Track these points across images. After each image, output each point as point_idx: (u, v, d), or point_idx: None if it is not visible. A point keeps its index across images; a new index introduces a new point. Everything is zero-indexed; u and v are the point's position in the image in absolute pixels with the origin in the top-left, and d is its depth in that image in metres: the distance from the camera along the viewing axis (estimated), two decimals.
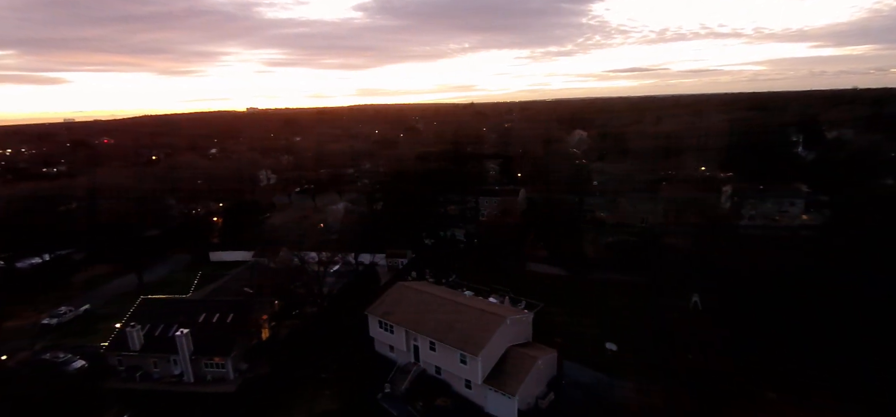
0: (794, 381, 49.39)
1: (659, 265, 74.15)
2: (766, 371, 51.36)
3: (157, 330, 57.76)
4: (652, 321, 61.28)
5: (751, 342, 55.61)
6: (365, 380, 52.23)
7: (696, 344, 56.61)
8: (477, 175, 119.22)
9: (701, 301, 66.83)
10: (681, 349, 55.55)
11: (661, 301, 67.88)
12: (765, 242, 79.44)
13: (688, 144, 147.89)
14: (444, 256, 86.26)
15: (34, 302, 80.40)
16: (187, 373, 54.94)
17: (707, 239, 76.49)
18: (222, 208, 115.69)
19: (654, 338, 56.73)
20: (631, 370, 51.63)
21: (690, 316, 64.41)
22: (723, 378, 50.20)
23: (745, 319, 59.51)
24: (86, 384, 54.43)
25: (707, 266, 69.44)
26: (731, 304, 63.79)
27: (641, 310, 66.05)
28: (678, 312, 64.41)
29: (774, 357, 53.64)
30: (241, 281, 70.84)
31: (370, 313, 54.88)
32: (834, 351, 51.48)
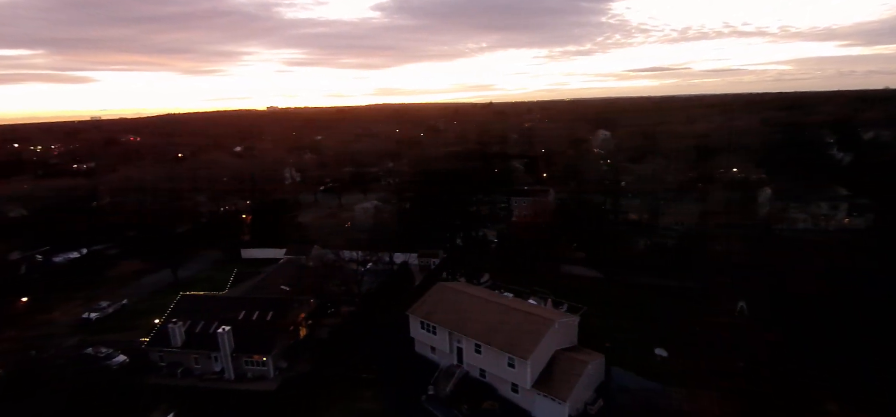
0: (853, 391, 47.21)
1: (701, 269, 72.03)
2: (824, 381, 49.24)
3: (198, 327, 57.83)
4: (699, 326, 59.33)
5: (804, 349, 53.51)
6: (406, 381, 51.50)
7: (747, 351, 54.69)
8: (506, 175, 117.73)
9: (748, 306, 64.61)
10: (732, 356, 53.68)
11: (705, 306, 65.82)
12: (812, 246, 76.62)
13: (719, 145, 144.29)
14: (476, 256, 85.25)
15: (72, 297, 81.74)
16: (228, 370, 54.85)
17: (752, 243, 74.14)
18: (251, 206, 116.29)
19: (704, 344, 54.82)
20: (683, 377, 49.84)
21: (738, 321, 62.27)
22: (780, 387, 48.28)
23: (796, 326, 57.32)
24: (128, 379, 54.78)
25: (753, 270, 67.24)
26: (781, 310, 61.57)
27: (685, 315, 64.06)
28: (725, 318, 62.33)
29: (830, 365, 51.49)
30: (277, 278, 70.67)
31: (412, 313, 54.09)
32: (892, 360, 49.17)
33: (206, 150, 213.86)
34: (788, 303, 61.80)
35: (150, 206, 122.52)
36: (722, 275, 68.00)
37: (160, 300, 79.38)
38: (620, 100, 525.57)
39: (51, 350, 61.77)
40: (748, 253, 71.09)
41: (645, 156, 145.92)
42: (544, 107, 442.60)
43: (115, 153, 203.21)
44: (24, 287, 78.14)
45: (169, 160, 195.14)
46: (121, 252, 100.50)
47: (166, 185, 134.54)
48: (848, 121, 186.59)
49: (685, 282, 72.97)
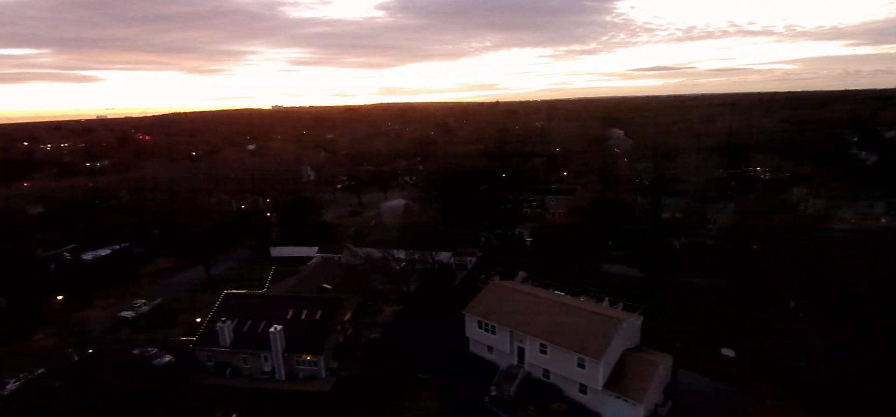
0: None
1: (747, 268, 70.81)
2: (887, 380, 48.07)
3: (246, 326, 56.67)
4: (755, 327, 58.19)
5: (860, 349, 52.29)
6: (464, 382, 50.32)
7: (808, 352, 53.54)
8: (534, 173, 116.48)
9: (799, 306, 63.39)
10: (792, 356, 52.54)
11: (755, 306, 64.64)
12: (857, 245, 75.34)
13: (744, 143, 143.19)
14: (511, 255, 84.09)
15: (105, 294, 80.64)
16: (279, 371, 53.71)
17: (797, 242, 72.84)
18: (276, 203, 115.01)
19: (765, 345, 53.68)
20: (750, 378, 48.73)
21: (793, 322, 61.04)
22: (846, 387, 47.20)
23: (850, 325, 56.08)
24: (178, 379, 53.64)
25: (801, 269, 65.94)
26: (834, 309, 60.36)
27: (737, 316, 62.94)
28: (779, 318, 61.16)
29: (888, 364, 50.29)
30: (318, 277, 69.50)
31: (469, 312, 52.90)
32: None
33: (219, 149, 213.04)
34: (840, 302, 60.63)
35: (173, 204, 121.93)
36: (769, 275, 66.82)
37: (194, 298, 78.37)
38: (630, 100, 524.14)
39: (93, 350, 60.87)
40: (794, 252, 69.74)
41: (670, 155, 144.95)
42: (552, 105, 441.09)
43: (129, 151, 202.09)
44: (55, 285, 77.01)
45: (183, 158, 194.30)
46: (147, 250, 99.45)
47: (188, 183, 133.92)
48: (867, 120, 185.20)
49: (731, 282, 71.83)
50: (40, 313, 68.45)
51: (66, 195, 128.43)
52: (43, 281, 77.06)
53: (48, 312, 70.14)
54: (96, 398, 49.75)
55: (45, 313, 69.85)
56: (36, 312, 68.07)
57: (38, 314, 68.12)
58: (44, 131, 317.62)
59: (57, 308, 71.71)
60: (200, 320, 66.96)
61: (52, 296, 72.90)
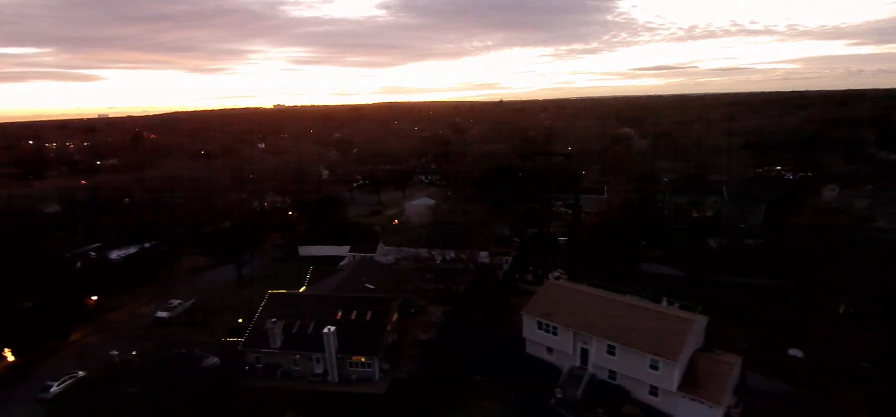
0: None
1: (793, 268, 69.97)
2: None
3: (295, 327, 55.41)
4: (810, 328, 57.29)
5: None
6: (524, 384, 49.21)
7: (864, 351, 52.66)
8: (564, 173, 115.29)
9: (850, 306, 62.52)
10: (852, 357, 51.63)
11: (806, 305, 63.77)
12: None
13: (761, 142, 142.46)
14: (546, 254, 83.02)
15: (136, 294, 79.18)
16: (332, 373, 52.47)
17: (841, 241, 72.04)
18: (300, 202, 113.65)
19: (827, 345, 52.75)
20: (818, 378, 47.75)
21: (845, 322, 60.19)
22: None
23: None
24: (229, 381, 52.33)
25: (850, 269, 65.08)
26: (887, 310, 59.53)
27: (789, 316, 62.06)
28: (831, 318, 60.32)
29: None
30: (359, 276, 68.25)
31: (527, 313, 51.77)
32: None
33: (231, 147, 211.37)
34: (890, 304, 59.83)
35: (195, 202, 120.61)
36: (817, 276, 65.95)
37: (228, 297, 77.04)
38: (636, 99, 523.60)
39: (136, 352, 59.46)
40: (839, 252, 68.88)
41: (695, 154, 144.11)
42: (559, 105, 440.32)
43: (140, 150, 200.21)
44: (85, 284, 75.39)
45: (195, 157, 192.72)
46: (172, 248, 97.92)
47: (207, 182, 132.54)
48: (885, 119, 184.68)
49: (777, 282, 70.99)
50: (74, 313, 66.94)
51: (85, 193, 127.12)
52: (72, 280, 75.46)
53: (82, 312, 68.69)
54: (150, 401, 48.42)
55: (80, 313, 68.41)
56: (69, 312, 66.50)
57: (71, 314, 66.59)
58: (48, 130, 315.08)
59: (91, 308, 70.28)
60: (242, 320, 66.02)
61: (85, 296, 71.47)
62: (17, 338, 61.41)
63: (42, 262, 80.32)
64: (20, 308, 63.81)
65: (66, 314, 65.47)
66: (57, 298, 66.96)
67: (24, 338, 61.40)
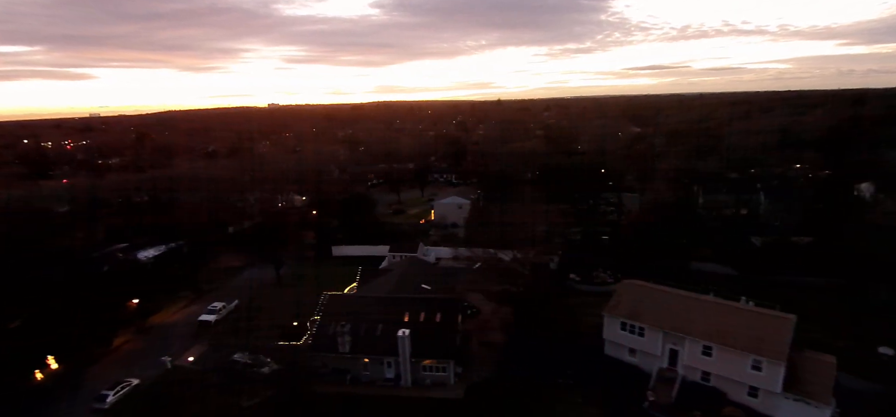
0: None
1: (848, 266, 69.23)
2: None
3: (361, 330, 53.19)
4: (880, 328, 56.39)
5: None
6: (610, 387, 47.54)
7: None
8: (607, 171, 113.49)
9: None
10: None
11: (864, 305, 62.96)
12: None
13: (784, 141, 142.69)
14: (594, 254, 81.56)
15: (171, 296, 76.09)
16: (405, 377, 50.38)
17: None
18: (327, 201, 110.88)
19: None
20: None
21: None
22: None
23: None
24: (297, 388, 49.92)
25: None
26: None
27: (854, 314, 61.19)
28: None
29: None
30: (414, 277, 66.11)
31: (609, 313, 50.14)
32: None
33: (237, 146, 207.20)
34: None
35: (214, 202, 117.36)
36: (872, 274, 65.21)
37: (271, 299, 74.21)
38: (639, 98, 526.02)
39: (193, 358, 56.81)
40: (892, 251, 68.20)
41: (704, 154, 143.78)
42: (561, 104, 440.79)
43: (147, 148, 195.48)
44: (117, 286, 71.96)
45: (205, 156, 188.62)
46: (198, 248, 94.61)
47: (225, 181, 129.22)
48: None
49: (832, 281, 70.20)
50: (116, 317, 63.85)
51: (100, 193, 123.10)
52: (108, 283, 72.17)
53: (124, 316, 65.58)
54: (216, 411, 45.97)
55: (120, 317, 65.27)
56: (111, 317, 63.35)
57: (114, 318, 63.48)
58: (44, 129, 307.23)
59: (131, 312, 67.18)
60: (296, 323, 63.59)
61: (125, 299, 68.22)
62: (58, 344, 58.31)
63: (70, 263, 77.32)
64: (57, 312, 60.64)
65: (108, 318, 62.30)
66: (96, 301, 63.82)
67: (66, 344, 58.32)
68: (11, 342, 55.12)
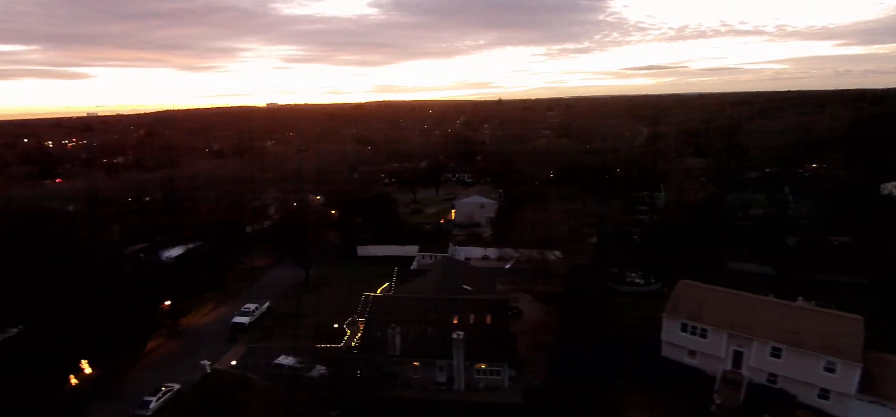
0: None
1: (890, 267, 68.56)
2: None
3: (410, 332, 51.76)
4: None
5: None
6: (672, 390, 46.40)
7: None
8: (638, 170, 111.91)
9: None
10: None
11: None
12: None
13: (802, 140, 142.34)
14: (625, 254, 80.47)
15: (198, 298, 74.20)
16: (459, 381, 49.01)
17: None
18: (348, 200, 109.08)
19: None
20: None
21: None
22: None
23: None
24: (349, 392, 48.43)
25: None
26: None
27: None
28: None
29: None
30: (452, 277, 64.64)
31: (669, 315, 48.98)
32: None
33: (244, 145, 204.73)
34: None
35: (230, 201, 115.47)
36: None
37: (302, 300, 72.60)
38: (643, 98, 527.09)
39: (236, 362, 55.12)
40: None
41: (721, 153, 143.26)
42: (565, 104, 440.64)
43: (154, 147, 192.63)
44: (144, 287, 69.98)
45: (214, 155, 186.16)
46: (219, 248, 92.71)
47: (238, 181, 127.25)
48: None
49: (872, 280, 69.51)
50: (150, 319, 62.02)
51: (113, 192, 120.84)
52: (132, 283, 70.26)
53: (156, 319, 63.74)
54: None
55: (152, 319, 63.40)
56: (145, 318, 61.51)
57: (147, 320, 61.64)
58: (43, 128, 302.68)
59: (163, 314, 65.35)
60: (337, 325, 62.12)
61: (157, 300, 66.29)
62: (91, 347, 56.44)
63: (93, 265, 75.34)
64: (88, 314, 58.72)
65: (140, 321, 60.46)
66: (128, 303, 61.97)
67: (99, 347, 56.46)
68: (42, 345, 53.46)
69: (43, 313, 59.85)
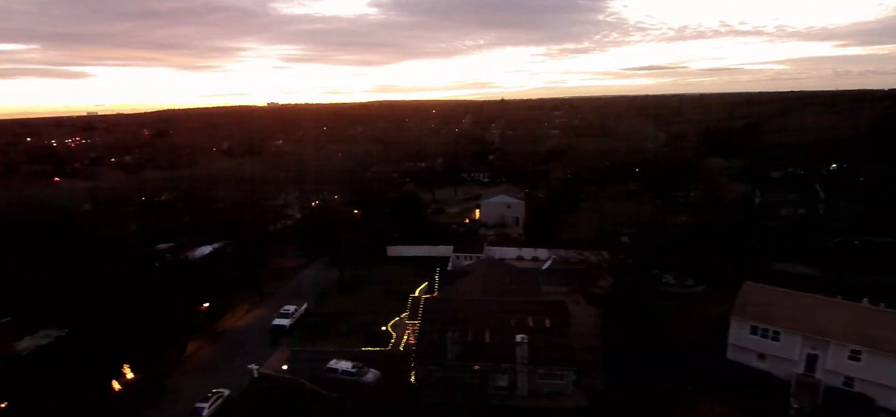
0: None
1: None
2: None
3: (468, 335, 50.28)
4: None
5: None
6: (744, 394, 45.13)
7: None
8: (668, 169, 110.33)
9: None
10: None
11: None
12: None
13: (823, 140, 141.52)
14: (665, 254, 79.25)
15: (232, 298, 72.33)
16: (522, 386, 47.58)
17: None
18: (367, 200, 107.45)
19: None
20: None
21: None
22: None
23: None
24: (404, 399, 46.94)
25: None
26: None
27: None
28: None
29: None
30: (497, 278, 63.19)
31: (737, 317, 47.76)
32: None
33: (254, 144, 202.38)
34: None
35: (251, 201, 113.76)
36: None
37: (339, 301, 70.92)
38: (646, 98, 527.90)
39: (287, 367, 53.35)
40: None
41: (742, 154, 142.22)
42: (571, 104, 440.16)
43: (165, 147, 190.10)
44: (175, 286, 67.94)
45: (227, 154, 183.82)
46: (244, 248, 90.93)
47: (257, 180, 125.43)
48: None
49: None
50: (189, 321, 60.23)
51: (130, 192, 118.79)
52: (168, 283, 68.39)
53: (194, 320, 61.89)
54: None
55: (192, 321, 61.58)
56: (184, 320, 59.72)
57: (186, 322, 59.85)
58: (44, 127, 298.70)
59: (201, 315, 63.55)
60: (385, 328, 60.63)
61: (192, 302, 64.44)
62: (134, 351, 54.60)
63: (123, 262, 73.58)
64: (127, 316, 56.87)
65: (180, 323, 58.72)
66: (166, 304, 60.17)
67: (139, 351, 54.64)
68: (83, 349, 51.67)
69: (80, 315, 58.29)
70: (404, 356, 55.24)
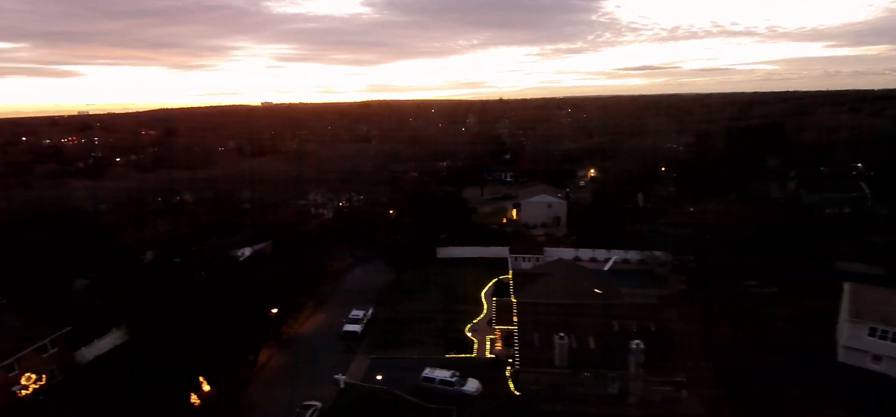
0: None
1: None
2: None
3: (574, 341, 48.05)
4: None
5: None
6: (869, 400, 43.65)
7: None
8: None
9: None
10: None
11: None
12: None
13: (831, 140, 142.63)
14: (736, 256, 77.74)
15: (288, 303, 68.79)
16: (635, 393, 45.48)
17: None
18: (408, 200, 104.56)
19: None
20: None
21: None
22: None
23: None
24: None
25: None
26: None
27: None
28: None
29: None
30: (578, 281, 61.09)
31: (852, 319, 46.26)
32: None
33: (269, 145, 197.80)
34: None
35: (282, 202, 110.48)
36: None
37: (403, 305, 67.81)
38: (649, 98, 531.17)
39: (381, 377, 50.43)
40: None
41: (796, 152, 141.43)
42: (575, 103, 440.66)
43: (175, 147, 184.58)
44: (253, 290, 63.84)
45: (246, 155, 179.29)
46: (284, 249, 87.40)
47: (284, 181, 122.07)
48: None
49: None
50: (263, 330, 56.87)
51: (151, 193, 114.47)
52: (237, 287, 64.48)
53: (264, 326, 58.46)
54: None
55: (261, 327, 58.13)
56: (257, 329, 56.19)
57: (260, 331, 56.41)
58: (39, 126, 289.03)
59: (269, 321, 60.11)
60: (468, 332, 58.04)
61: (265, 308, 60.71)
62: (204, 361, 51.20)
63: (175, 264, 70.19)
64: (197, 324, 53.44)
65: (254, 329, 55.33)
66: (234, 311, 56.77)
67: (214, 361, 51.27)
68: (148, 357, 48.25)
69: (142, 322, 54.86)
70: (494, 363, 52.93)
